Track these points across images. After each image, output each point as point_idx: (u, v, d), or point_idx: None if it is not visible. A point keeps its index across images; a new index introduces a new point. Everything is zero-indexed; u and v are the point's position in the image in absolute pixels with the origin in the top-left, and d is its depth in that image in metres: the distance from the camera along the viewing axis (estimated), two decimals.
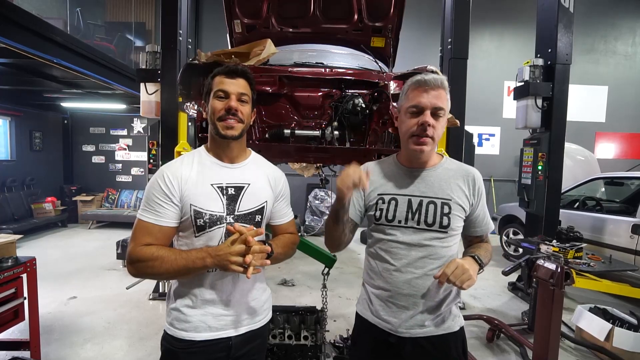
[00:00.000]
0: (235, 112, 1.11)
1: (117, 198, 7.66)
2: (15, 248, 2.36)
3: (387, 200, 1.18)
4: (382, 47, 2.94)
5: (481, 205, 1.20)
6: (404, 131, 1.17)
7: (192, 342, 1.10)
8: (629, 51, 7.71)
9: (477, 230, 1.22)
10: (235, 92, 1.12)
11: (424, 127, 1.09)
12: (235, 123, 1.12)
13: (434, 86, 1.10)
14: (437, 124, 1.11)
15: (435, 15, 5.06)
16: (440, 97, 1.11)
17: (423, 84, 1.10)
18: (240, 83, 1.14)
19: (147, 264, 1.02)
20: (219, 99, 1.13)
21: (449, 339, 1.16)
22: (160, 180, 1.09)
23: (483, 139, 7.74)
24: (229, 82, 1.13)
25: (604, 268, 2.80)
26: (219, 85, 1.13)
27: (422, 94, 1.10)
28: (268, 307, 1.27)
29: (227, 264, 0.99)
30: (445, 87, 1.12)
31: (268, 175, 1.24)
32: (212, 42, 7.32)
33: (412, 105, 1.12)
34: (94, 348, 2.76)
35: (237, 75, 1.14)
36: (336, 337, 2.46)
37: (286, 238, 1.28)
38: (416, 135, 1.12)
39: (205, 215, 1.09)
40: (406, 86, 1.17)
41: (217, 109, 1.12)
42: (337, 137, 2.22)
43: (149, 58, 3.77)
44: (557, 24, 3.66)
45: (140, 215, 1.08)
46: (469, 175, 1.19)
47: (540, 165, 3.80)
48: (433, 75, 1.12)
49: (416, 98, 1.11)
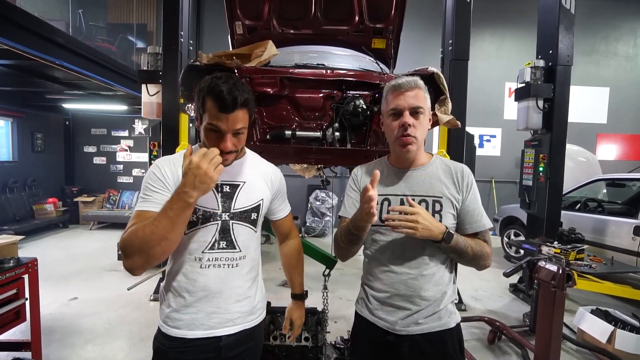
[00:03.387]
0: (230, 152, 1.05)
1: (118, 199, 7.67)
2: (17, 249, 2.37)
3: (380, 201, 1.19)
4: (383, 49, 2.94)
5: (472, 199, 1.17)
6: (388, 135, 1.21)
7: (183, 340, 1.09)
8: (630, 52, 7.70)
9: (472, 226, 1.16)
10: (230, 130, 1.03)
11: (405, 127, 1.13)
12: (229, 156, 1.06)
13: (409, 87, 1.14)
14: (418, 123, 1.15)
15: (436, 17, 5.06)
16: (418, 97, 1.14)
17: (398, 87, 1.15)
18: (237, 117, 1.02)
19: (131, 241, 0.93)
20: (212, 132, 1.03)
21: (445, 335, 1.17)
22: (155, 170, 1.10)
23: (484, 141, 7.74)
24: (224, 118, 1.00)
25: (605, 270, 2.80)
26: (212, 119, 1.01)
27: (399, 96, 1.15)
28: (262, 306, 1.26)
29: (200, 182, 0.91)
30: (421, 87, 1.16)
31: (264, 173, 1.24)
32: (213, 44, 7.34)
33: (391, 109, 1.17)
34: (94, 349, 2.76)
35: (234, 109, 1.00)
36: (337, 339, 2.45)
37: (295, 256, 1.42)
38: (400, 136, 1.15)
39: (199, 211, 1.09)
40: (385, 92, 1.21)
41: (209, 142, 1.05)
42: (338, 138, 2.22)
43: (150, 59, 3.78)
44: (558, 25, 3.66)
45: (137, 208, 1.07)
46: (457, 171, 1.20)
47: (542, 166, 3.79)
48: (407, 77, 1.16)
49: (394, 101, 1.16)
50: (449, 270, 1.20)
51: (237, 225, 1.14)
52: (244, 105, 1.03)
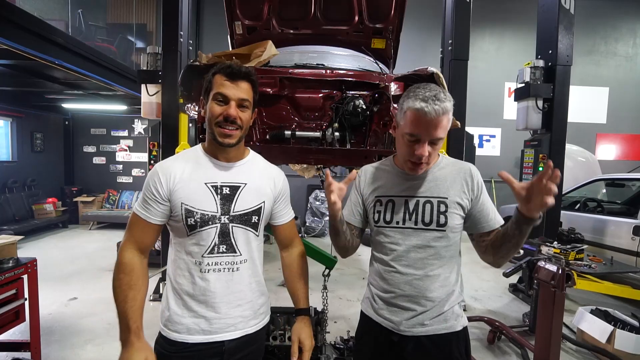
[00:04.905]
0: (234, 120, 1.06)
1: (118, 199, 7.67)
2: (16, 249, 2.37)
3: (385, 202, 1.19)
4: (382, 49, 2.94)
5: (483, 199, 1.16)
6: (399, 149, 1.16)
7: (184, 344, 1.08)
8: (630, 52, 7.71)
9: (488, 224, 1.15)
10: (235, 98, 1.06)
11: (420, 157, 1.08)
12: (233, 131, 1.08)
13: (434, 117, 1.03)
14: (434, 151, 1.11)
15: (435, 17, 5.06)
16: (441, 126, 1.05)
17: (424, 114, 1.03)
18: (242, 87, 1.08)
19: (115, 274, 1.05)
20: (218, 102, 1.07)
21: (450, 338, 1.16)
22: (151, 179, 1.10)
23: (484, 140, 7.74)
24: (230, 85, 1.06)
25: (605, 270, 2.80)
26: (219, 88, 1.06)
27: (422, 124, 1.04)
28: (265, 311, 1.22)
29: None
30: (448, 111, 1.05)
31: (266, 175, 1.21)
32: (213, 44, 7.33)
33: (409, 133, 1.08)
34: (94, 349, 2.75)
35: (239, 77, 1.07)
36: (337, 339, 2.45)
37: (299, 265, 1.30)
38: (412, 161, 1.11)
39: (197, 214, 1.06)
40: (405, 106, 1.08)
41: (214, 114, 1.07)
42: (337, 138, 2.22)
43: (150, 59, 3.78)
44: (557, 25, 3.66)
45: (135, 209, 1.10)
46: (466, 171, 1.18)
47: (541, 166, 3.79)
48: (434, 106, 1.02)
49: (415, 127, 1.06)
50: (455, 271, 1.18)
51: (237, 229, 1.11)
52: (249, 77, 1.09)
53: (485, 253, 1.15)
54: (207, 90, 1.10)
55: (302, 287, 1.27)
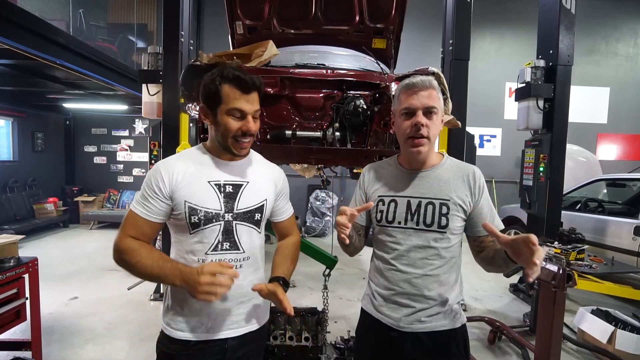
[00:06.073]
0: (252, 134, 1.10)
1: (119, 199, 7.68)
2: (17, 248, 2.36)
3: (387, 202, 1.20)
4: (383, 49, 2.94)
5: (484, 202, 1.18)
6: (400, 134, 1.19)
7: (187, 342, 1.09)
8: (631, 52, 7.70)
9: (480, 229, 1.16)
10: (251, 112, 1.08)
11: (418, 127, 1.12)
12: (247, 146, 1.13)
13: (423, 87, 1.12)
14: (431, 123, 1.14)
15: (436, 17, 5.05)
16: (431, 97, 1.13)
17: (412, 86, 1.13)
18: (254, 98, 1.09)
19: (126, 258, 1.02)
20: (235, 118, 1.07)
21: (449, 335, 1.17)
22: (153, 176, 1.09)
23: (484, 140, 7.73)
24: (244, 99, 1.06)
25: (606, 270, 2.79)
26: (234, 103, 1.05)
27: (413, 95, 1.13)
28: (266, 309, 1.24)
29: (195, 292, 0.96)
30: (435, 87, 1.14)
31: (268, 174, 1.23)
32: (213, 44, 7.33)
33: (404, 108, 1.15)
34: (94, 349, 2.76)
35: (252, 89, 1.07)
36: (337, 339, 2.45)
37: (289, 247, 1.28)
38: (412, 137, 1.14)
39: (200, 212, 1.07)
40: (397, 90, 1.20)
41: (232, 129, 1.07)
42: (338, 138, 2.22)
43: (150, 59, 3.78)
44: (558, 25, 3.65)
45: (133, 207, 1.08)
46: (469, 174, 1.19)
47: (542, 166, 3.79)
48: (421, 77, 1.14)
49: (407, 100, 1.14)
50: (455, 271, 1.20)
51: (241, 226, 1.13)
52: (259, 88, 1.09)
53: (477, 257, 1.20)
54: (214, 99, 1.07)
55: (286, 264, 1.22)
